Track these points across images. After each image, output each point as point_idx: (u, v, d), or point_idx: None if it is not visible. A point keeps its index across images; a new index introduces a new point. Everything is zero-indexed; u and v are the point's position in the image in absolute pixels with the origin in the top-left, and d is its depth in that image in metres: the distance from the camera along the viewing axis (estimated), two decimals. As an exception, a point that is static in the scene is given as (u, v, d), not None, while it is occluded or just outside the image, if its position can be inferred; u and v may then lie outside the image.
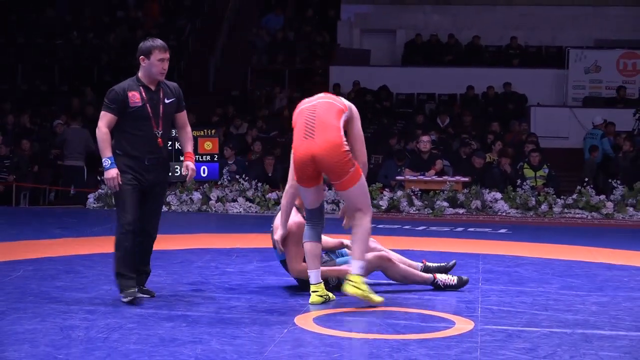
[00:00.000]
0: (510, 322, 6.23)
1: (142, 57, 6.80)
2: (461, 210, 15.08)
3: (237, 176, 15.61)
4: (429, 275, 7.51)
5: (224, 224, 13.69)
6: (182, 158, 15.77)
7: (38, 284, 7.44)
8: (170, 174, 15.80)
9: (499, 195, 15.29)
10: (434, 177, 15.70)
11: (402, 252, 8.24)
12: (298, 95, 22.66)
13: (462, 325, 6.11)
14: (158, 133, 6.80)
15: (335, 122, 6.72)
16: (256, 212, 15.11)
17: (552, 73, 22.75)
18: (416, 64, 23.49)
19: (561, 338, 5.74)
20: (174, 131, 12.24)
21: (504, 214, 15.08)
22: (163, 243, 10.53)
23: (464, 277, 7.59)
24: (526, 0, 24.98)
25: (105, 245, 9.98)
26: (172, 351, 5.26)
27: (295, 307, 6.63)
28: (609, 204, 15.06)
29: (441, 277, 7.52)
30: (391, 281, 7.52)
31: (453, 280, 7.52)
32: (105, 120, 6.70)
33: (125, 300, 6.66)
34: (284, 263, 7.38)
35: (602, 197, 15.24)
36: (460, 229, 12.98)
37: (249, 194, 15.32)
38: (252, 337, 5.66)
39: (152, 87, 6.83)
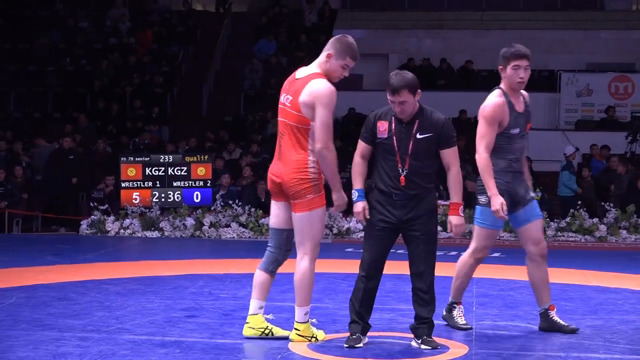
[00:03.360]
0: (504, 346, 6.22)
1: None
2: (454, 234, 15.04)
3: (230, 201, 15.58)
4: None
5: (217, 249, 13.66)
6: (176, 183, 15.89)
7: (31, 311, 7.40)
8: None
9: (492, 219, 15.25)
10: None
11: (395, 277, 8.25)
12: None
13: (457, 349, 6.09)
14: (402, 171, 6.15)
15: None
16: (249, 237, 15.08)
17: (544, 97, 22.76)
18: (409, 88, 23.38)
19: (556, 362, 5.73)
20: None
21: (498, 237, 15.04)
22: (156, 269, 10.53)
23: None
24: (518, 25, 25.06)
25: (99, 272, 9.95)
26: (165, 378, 5.24)
27: (289, 333, 6.60)
28: (602, 227, 15.06)
29: None
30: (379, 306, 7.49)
31: None
32: (358, 148, 6.27)
33: (345, 345, 6.16)
34: None
35: (595, 220, 15.24)
36: (453, 252, 12.94)
37: (242, 219, 15.30)
38: (245, 363, 5.64)
39: (407, 119, 6.26)
